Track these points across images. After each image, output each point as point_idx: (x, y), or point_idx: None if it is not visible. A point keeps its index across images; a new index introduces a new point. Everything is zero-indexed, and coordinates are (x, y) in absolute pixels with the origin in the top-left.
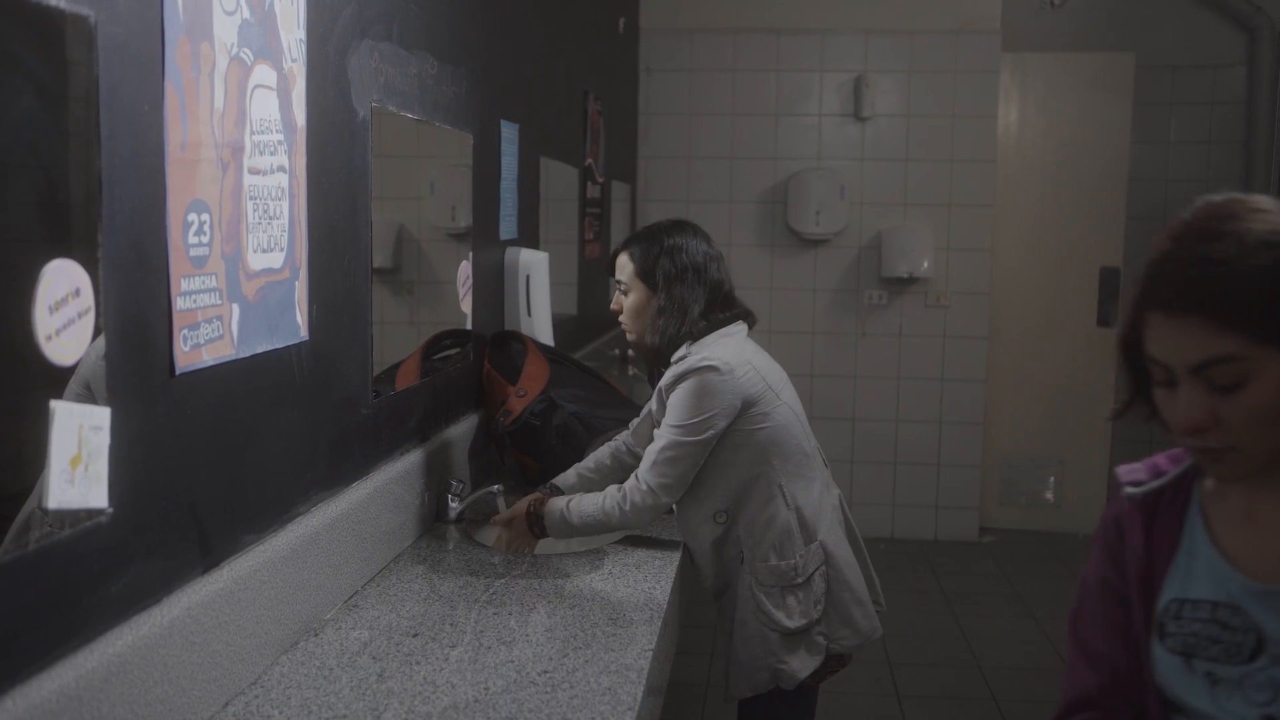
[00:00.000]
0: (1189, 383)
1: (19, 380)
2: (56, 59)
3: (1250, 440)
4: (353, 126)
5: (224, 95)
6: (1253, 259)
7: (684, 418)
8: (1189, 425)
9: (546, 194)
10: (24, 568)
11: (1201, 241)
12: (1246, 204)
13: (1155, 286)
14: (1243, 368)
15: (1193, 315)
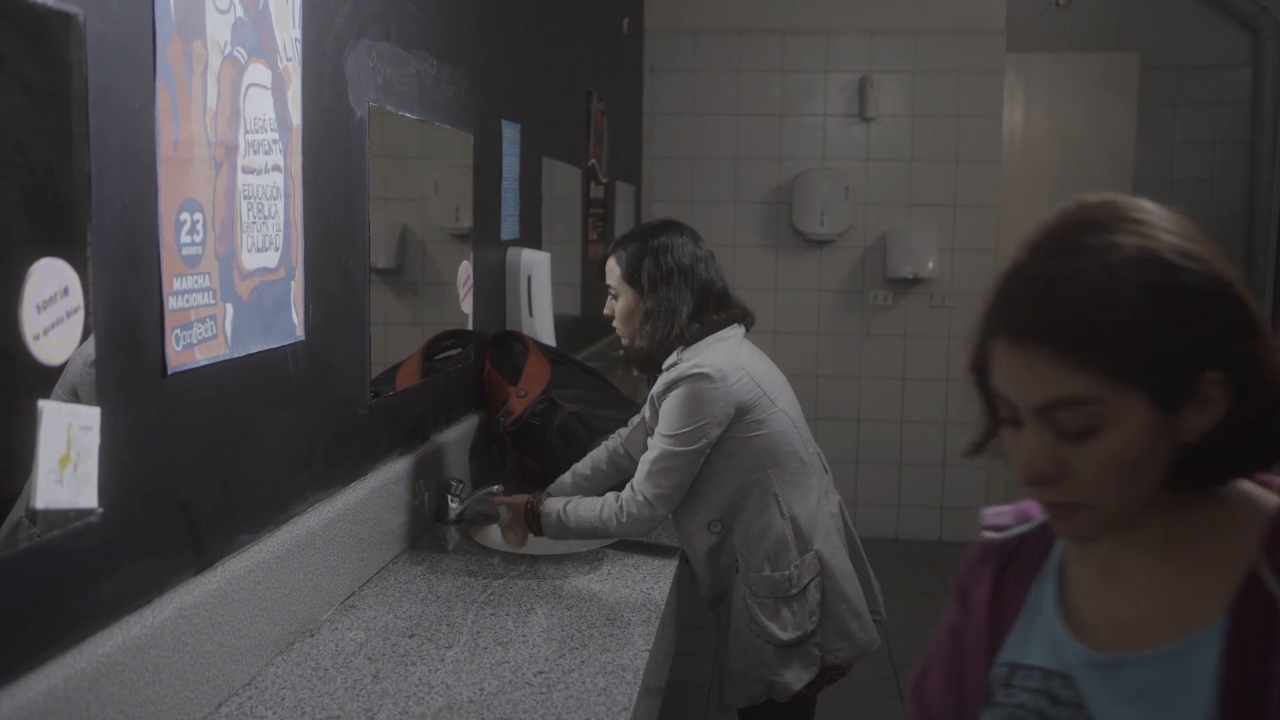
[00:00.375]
0: (1034, 425)
1: (6, 380)
2: (45, 57)
3: (1102, 496)
4: (350, 126)
5: (217, 94)
6: (1114, 282)
7: (676, 427)
8: (1031, 475)
9: (549, 194)
10: (12, 568)
11: (1057, 256)
12: (1120, 210)
13: (1001, 307)
14: (1096, 412)
15: (1041, 346)
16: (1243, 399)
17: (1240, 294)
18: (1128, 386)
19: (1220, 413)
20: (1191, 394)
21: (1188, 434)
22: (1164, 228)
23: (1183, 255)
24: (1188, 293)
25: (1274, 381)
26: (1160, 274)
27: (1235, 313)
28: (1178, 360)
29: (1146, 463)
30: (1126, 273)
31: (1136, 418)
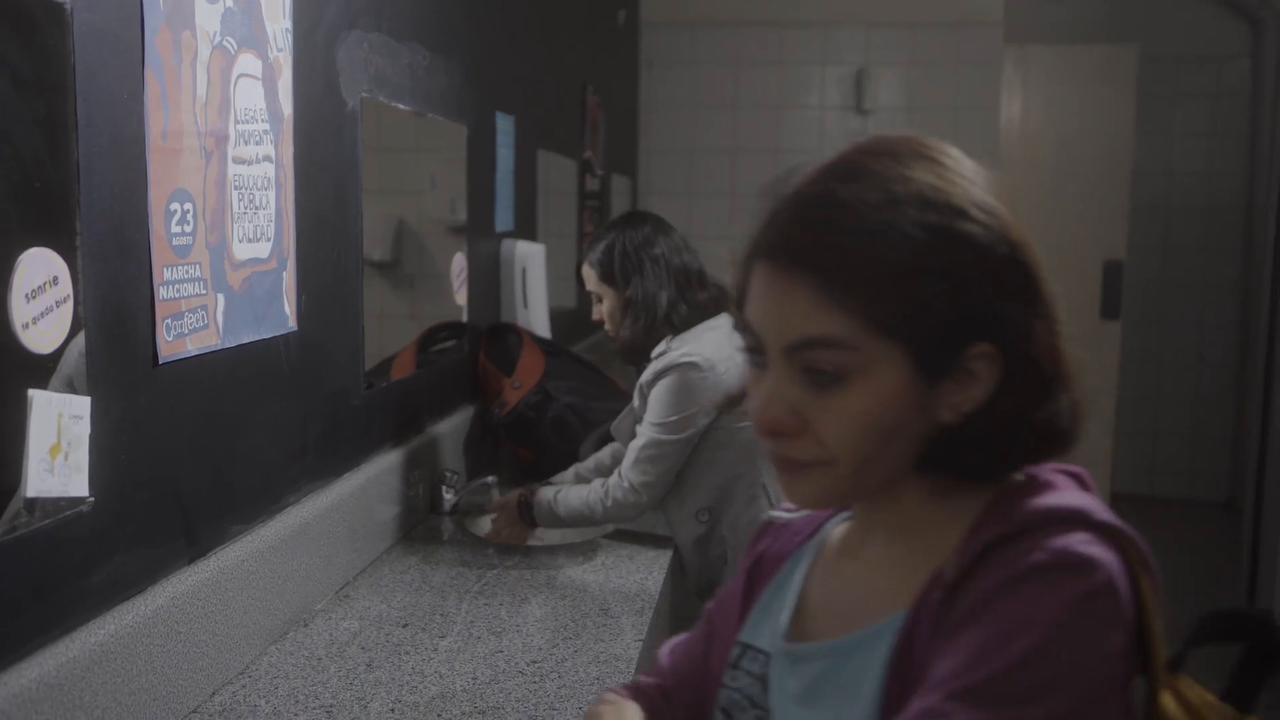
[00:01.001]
0: (781, 366)
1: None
2: (32, 46)
3: (841, 457)
4: (341, 117)
5: (207, 84)
6: (894, 214)
7: (663, 415)
8: (767, 422)
9: (544, 187)
10: (4, 556)
11: (839, 179)
12: (923, 147)
13: (767, 227)
14: (848, 360)
15: (801, 275)
16: (1013, 382)
17: (1032, 264)
18: (887, 338)
19: (985, 393)
20: (956, 365)
21: (948, 412)
22: (966, 175)
23: (978, 206)
24: (972, 246)
25: (1051, 368)
26: (947, 218)
27: (1021, 283)
28: (946, 320)
29: (894, 431)
30: (911, 209)
31: (892, 376)
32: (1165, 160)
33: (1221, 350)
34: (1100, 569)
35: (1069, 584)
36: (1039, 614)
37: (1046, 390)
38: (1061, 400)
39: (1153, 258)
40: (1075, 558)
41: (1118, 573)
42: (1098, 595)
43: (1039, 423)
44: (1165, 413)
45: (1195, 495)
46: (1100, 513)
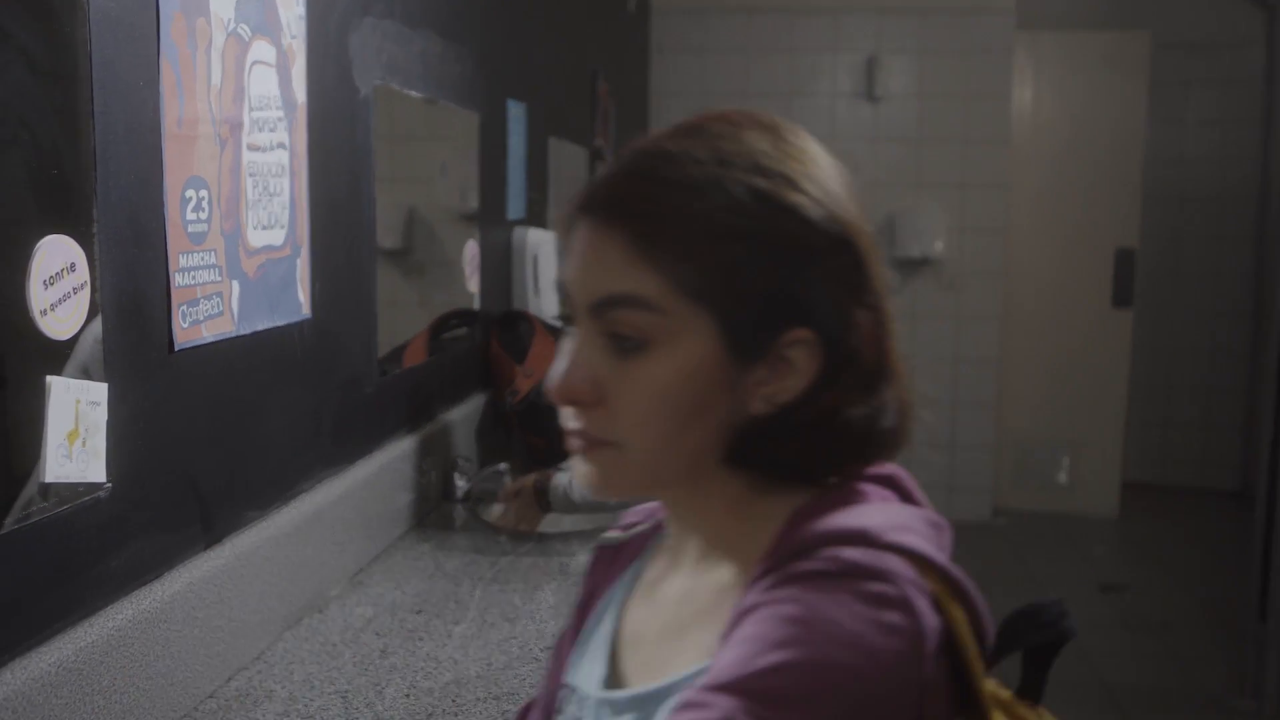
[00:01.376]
0: (586, 328)
1: (15, 355)
2: (49, 33)
3: (636, 435)
4: (354, 104)
5: (221, 71)
6: (721, 171)
7: None
8: (562, 390)
9: (556, 174)
10: (22, 541)
11: (673, 136)
12: (776, 124)
13: (590, 183)
14: (653, 324)
15: (615, 226)
16: (833, 376)
17: (863, 252)
18: (696, 303)
19: (802, 385)
20: (771, 348)
21: (759, 402)
22: (808, 153)
23: (812, 182)
24: (797, 218)
25: (875, 364)
26: (775, 184)
27: (849, 269)
28: (762, 292)
29: (696, 413)
30: (739, 170)
31: (698, 348)
32: (1177, 147)
33: (1233, 338)
34: (884, 576)
35: (845, 585)
36: (807, 614)
37: (869, 387)
38: (886, 399)
39: (1164, 246)
40: (849, 564)
41: (910, 582)
42: (879, 600)
43: (859, 422)
44: (1177, 401)
45: (1207, 485)
46: (890, 534)
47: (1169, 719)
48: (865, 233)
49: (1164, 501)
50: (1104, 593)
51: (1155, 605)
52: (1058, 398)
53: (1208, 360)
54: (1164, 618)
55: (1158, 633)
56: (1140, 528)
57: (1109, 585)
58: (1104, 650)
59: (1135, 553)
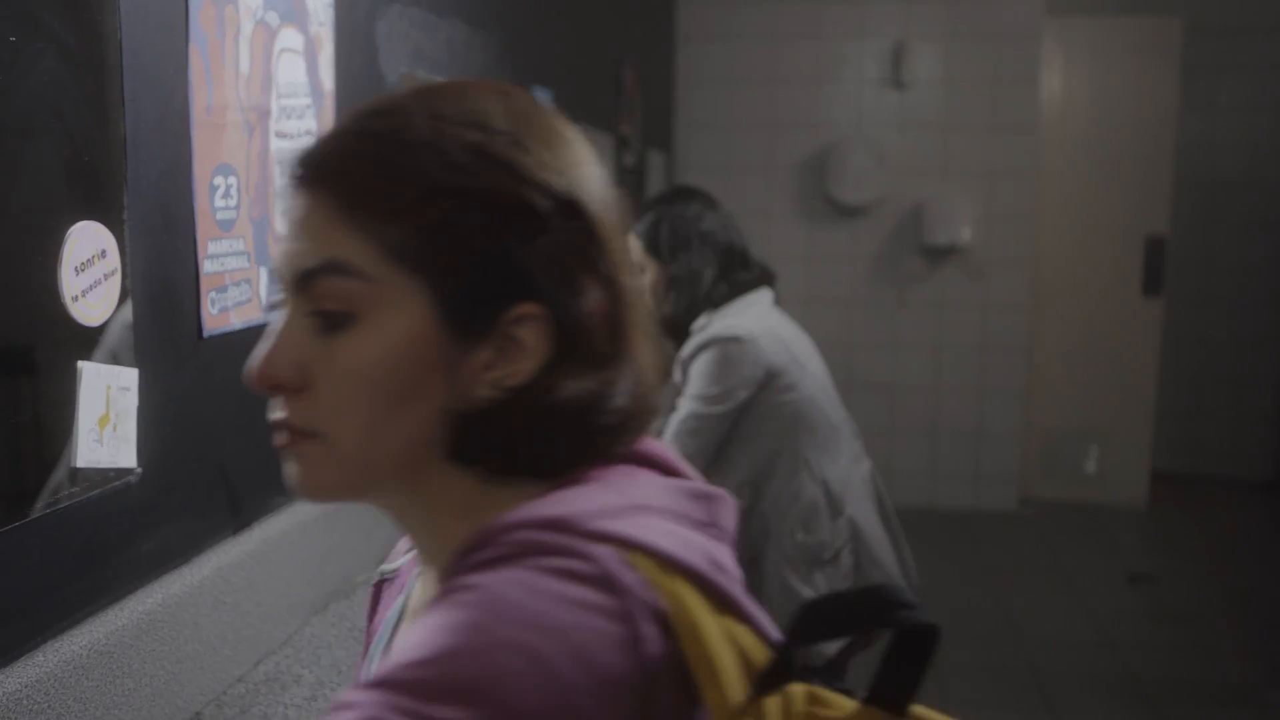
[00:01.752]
0: (293, 305)
1: (47, 341)
2: (80, 23)
3: (338, 424)
4: (381, 91)
5: (249, 59)
6: (436, 126)
7: (704, 388)
8: (260, 372)
9: None
10: (53, 526)
11: (397, 97)
12: (506, 89)
13: (304, 148)
14: (360, 293)
15: (323, 192)
16: (564, 357)
17: (597, 222)
18: (407, 270)
19: (531, 368)
20: (495, 324)
21: (485, 387)
22: (550, 126)
23: (544, 148)
24: (520, 177)
25: (611, 345)
26: (497, 142)
27: (580, 238)
28: (480, 260)
29: (408, 397)
30: (458, 126)
31: (407, 322)
32: (1209, 134)
33: (1265, 327)
34: (575, 553)
35: (526, 564)
36: (477, 597)
37: (602, 369)
38: (620, 382)
39: (1196, 233)
40: (531, 543)
41: (616, 561)
42: (568, 575)
43: (591, 407)
44: (1207, 391)
45: (1238, 475)
46: (595, 520)
47: (1199, 711)
48: (600, 205)
49: (1193, 492)
50: (1132, 584)
51: (1184, 596)
52: (1086, 387)
53: (1239, 349)
54: (1193, 609)
55: (1187, 624)
56: (1169, 518)
57: (1137, 576)
58: (1132, 642)
59: (1164, 543)
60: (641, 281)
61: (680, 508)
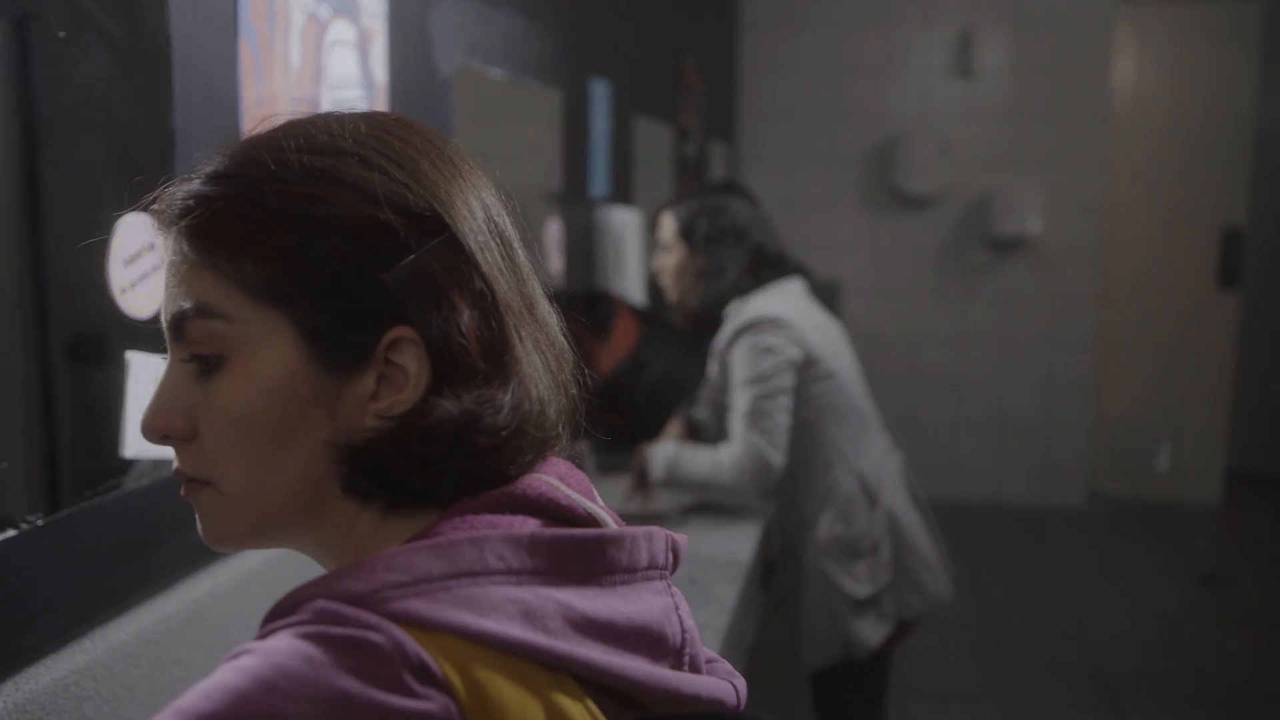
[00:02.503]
0: (173, 353)
1: (96, 332)
2: (129, 15)
3: (223, 469)
4: (435, 84)
5: (300, 51)
6: (281, 154)
7: (752, 371)
8: (147, 422)
9: (640, 153)
10: (102, 514)
11: (246, 141)
12: (371, 113)
13: (158, 196)
14: (224, 334)
15: (179, 234)
16: (441, 380)
17: (462, 236)
18: (268, 305)
19: (416, 395)
20: (369, 353)
21: (368, 416)
22: (410, 140)
23: (398, 164)
24: (368, 196)
25: (488, 364)
26: (341, 162)
27: (445, 252)
28: (336, 286)
29: (285, 436)
30: (300, 152)
31: (274, 357)
32: None
33: None
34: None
35: (308, 633)
36: (254, 663)
37: (481, 389)
38: (507, 401)
39: (1274, 224)
40: (328, 613)
41: (405, 646)
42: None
43: (470, 428)
44: None
45: None
46: (400, 599)
47: (1273, 715)
48: (468, 217)
49: (1270, 490)
50: (1205, 585)
51: (1259, 598)
52: (1159, 381)
53: None
54: (1270, 612)
55: (1262, 627)
56: (1244, 517)
57: (1211, 577)
58: (1205, 645)
59: (1239, 543)
60: (531, 291)
61: (534, 565)
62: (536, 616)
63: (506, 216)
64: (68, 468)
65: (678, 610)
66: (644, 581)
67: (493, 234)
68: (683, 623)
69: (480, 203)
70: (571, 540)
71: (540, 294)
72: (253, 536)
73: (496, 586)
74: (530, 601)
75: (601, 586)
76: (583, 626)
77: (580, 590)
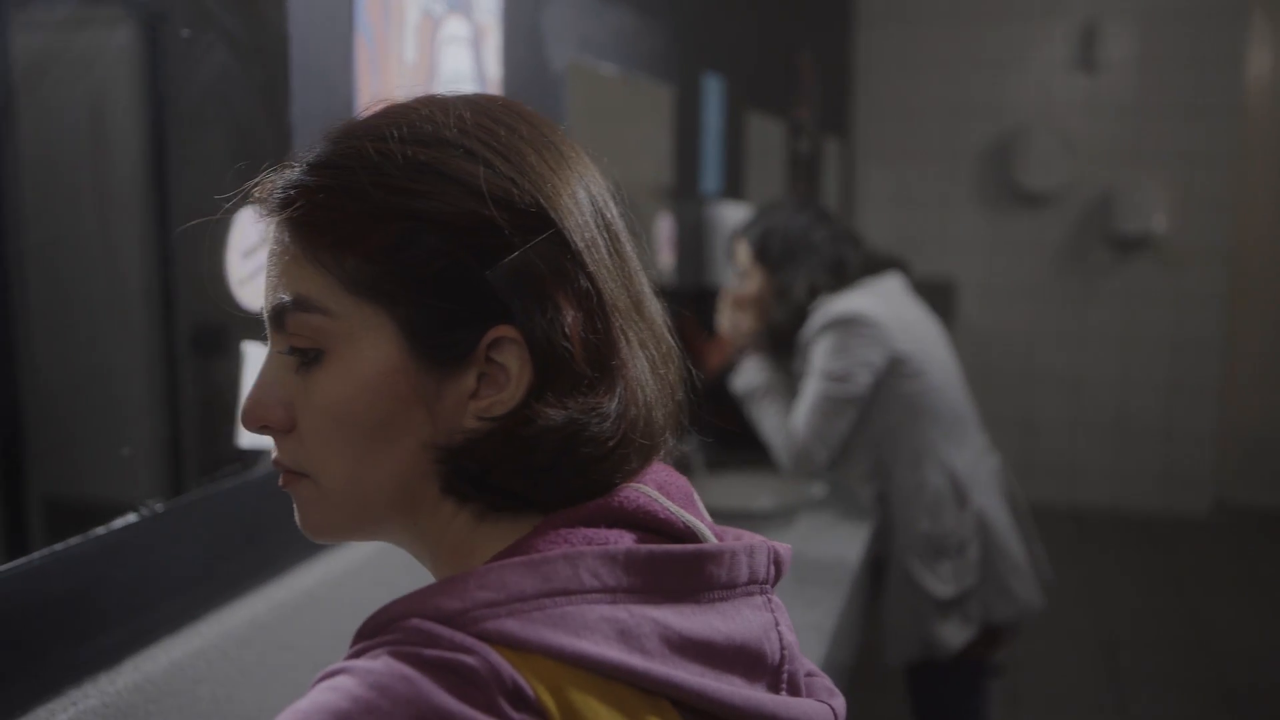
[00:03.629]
0: (274, 344)
1: (216, 322)
2: (249, 14)
3: (321, 463)
4: (548, 80)
5: (415, 48)
6: (382, 146)
7: (830, 368)
8: (248, 413)
9: (753, 149)
10: (218, 501)
11: (347, 128)
12: (477, 98)
13: (261, 181)
14: (324, 328)
15: (283, 224)
16: (542, 380)
17: (569, 233)
18: (368, 300)
19: (517, 395)
20: (470, 351)
21: (468, 416)
22: (516, 129)
23: (505, 157)
24: (471, 191)
25: (590, 366)
26: (445, 154)
27: (550, 248)
28: (439, 282)
29: (383, 433)
30: (406, 146)
31: (374, 354)
32: None
33: None
34: (457, 645)
35: (402, 653)
36: (352, 682)
37: (586, 396)
38: (606, 406)
39: None
40: (421, 634)
41: (500, 669)
42: (442, 667)
43: (574, 437)
44: None
45: None
46: (493, 618)
47: None
48: (574, 212)
49: None
50: None
51: None
52: None
53: None
54: None
55: None
56: None
57: None
58: None
59: None
60: (639, 287)
61: (630, 582)
62: (633, 636)
63: (615, 208)
64: (188, 455)
65: (778, 626)
66: (743, 597)
67: (600, 228)
68: (782, 638)
69: (587, 195)
70: (669, 556)
71: (648, 290)
72: (349, 530)
73: (592, 605)
74: (626, 620)
75: (699, 604)
76: (680, 646)
77: (677, 608)
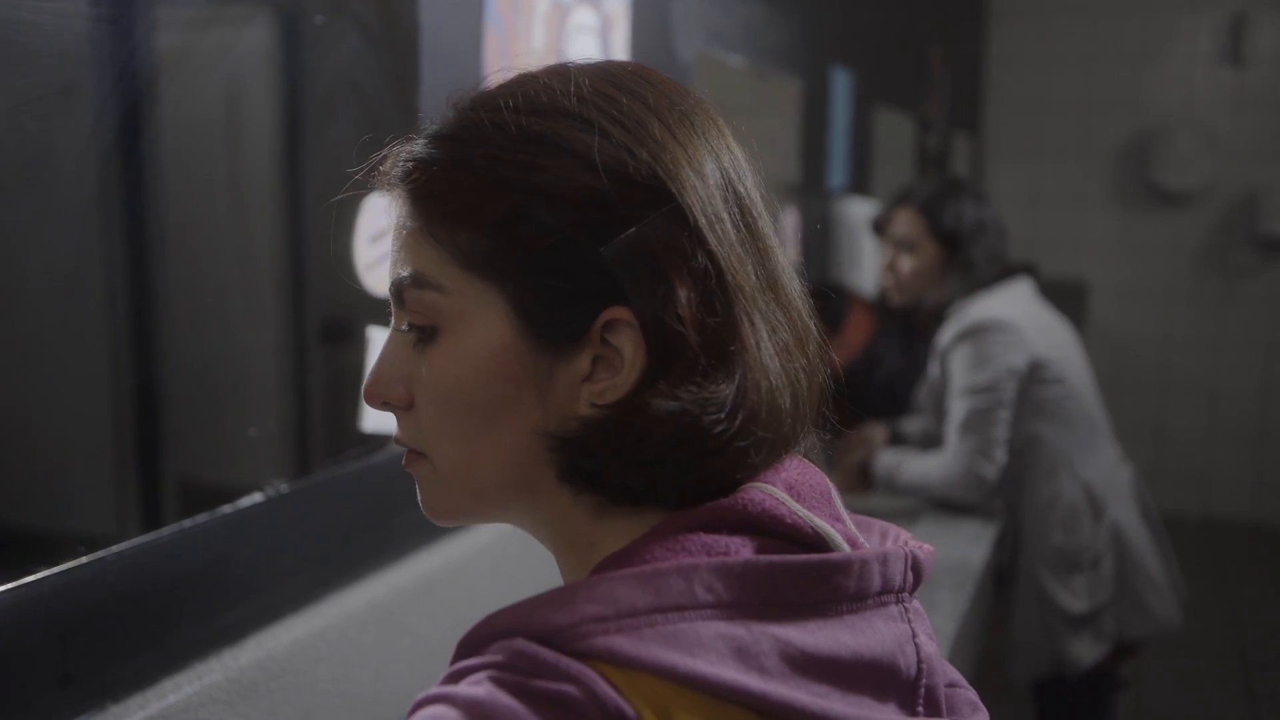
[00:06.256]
0: (395, 319)
1: (342, 308)
2: (381, 2)
3: (434, 442)
4: (674, 71)
5: (543, 37)
6: (497, 121)
7: (971, 380)
8: (369, 389)
9: (881, 144)
10: (344, 485)
11: (466, 99)
12: (586, 68)
13: (382, 155)
14: (438, 304)
15: (402, 198)
16: (657, 365)
17: (692, 206)
18: (480, 277)
19: (631, 380)
20: (584, 332)
21: (582, 400)
22: (638, 94)
23: (622, 126)
24: (589, 165)
25: (708, 351)
26: (561, 126)
27: (669, 224)
28: (552, 260)
29: (495, 413)
30: (521, 117)
31: (485, 331)
32: None
33: None
34: (561, 675)
35: (505, 679)
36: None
37: (704, 385)
38: (731, 400)
39: None
40: (524, 657)
41: (605, 696)
42: (548, 699)
43: (689, 429)
44: None
45: None
46: (601, 634)
47: None
48: (698, 186)
49: None
50: None
51: None
52: None
53: None
54: None
55: None
56: None
57: None
58: None
59: None
60: (774, 267)
61: (749, 596)
62: (750, 654)
63: (751, 181)
64: (314, 438)
65: (915, 637)
66: (876, 608)
67: (728, 204)
68: (920, 650)
69: (717, 166)
70: (792, 567)
71: (786, 269)
72: (468, 513)
73: (707, 621)
74: (744, 638)
75: (826, 618)
76: (802, 665)
77: (801, 624)
